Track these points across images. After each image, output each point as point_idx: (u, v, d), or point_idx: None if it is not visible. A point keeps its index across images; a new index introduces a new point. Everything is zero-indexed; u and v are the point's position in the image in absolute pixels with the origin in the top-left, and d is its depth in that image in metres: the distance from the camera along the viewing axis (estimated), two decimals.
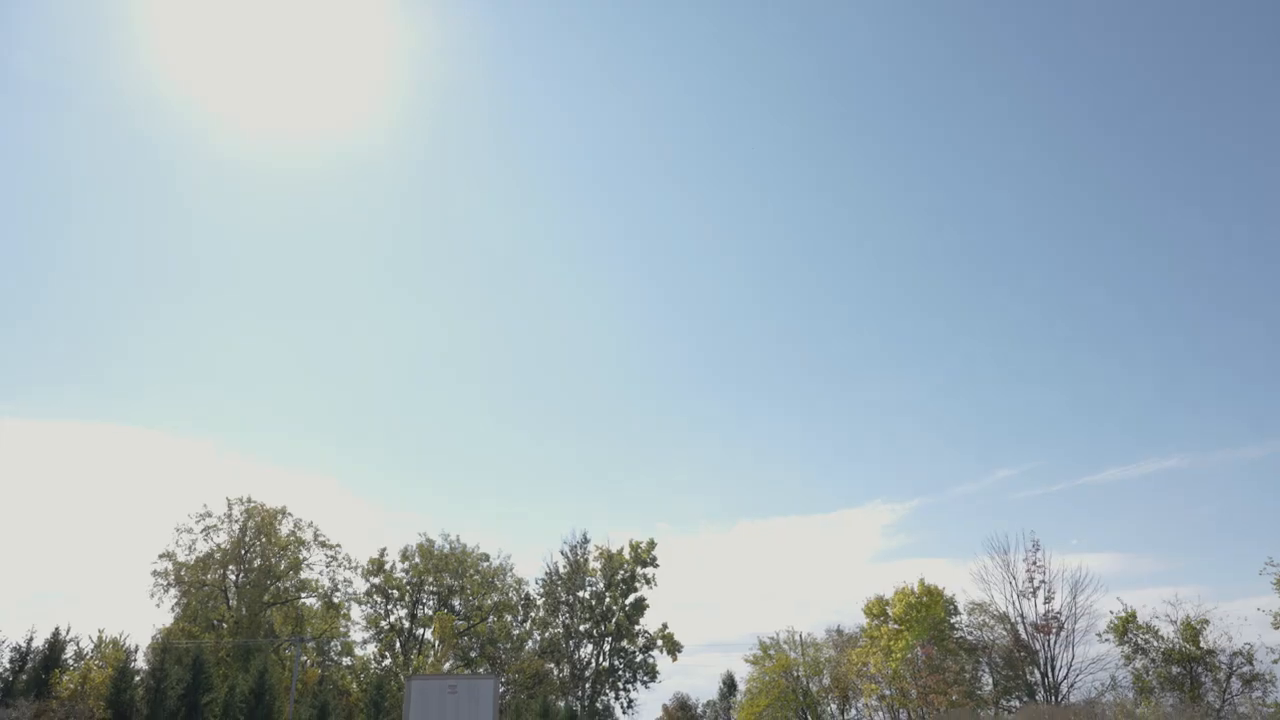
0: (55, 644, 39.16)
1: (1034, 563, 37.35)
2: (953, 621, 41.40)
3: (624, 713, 60.78)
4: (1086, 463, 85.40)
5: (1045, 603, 36.85)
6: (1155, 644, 34.28)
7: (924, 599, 41.64)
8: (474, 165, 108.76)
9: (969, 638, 40.00)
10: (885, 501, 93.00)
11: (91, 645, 43.85)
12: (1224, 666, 32.79)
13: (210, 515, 58.02)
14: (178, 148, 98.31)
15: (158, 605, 69.64)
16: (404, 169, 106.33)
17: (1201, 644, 33.23)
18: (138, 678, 40.62)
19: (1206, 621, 33.40)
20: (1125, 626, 35.23)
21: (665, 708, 61.92)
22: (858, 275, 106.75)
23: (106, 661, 41.65)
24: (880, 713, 45.59)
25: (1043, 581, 37.12)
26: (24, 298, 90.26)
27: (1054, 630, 36.54)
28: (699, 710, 61.61)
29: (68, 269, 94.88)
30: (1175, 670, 33.65)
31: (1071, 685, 35.86)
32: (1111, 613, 36.21)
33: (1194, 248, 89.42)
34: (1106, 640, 35.55)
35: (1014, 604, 37.93)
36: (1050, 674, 36.64)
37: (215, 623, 55.50)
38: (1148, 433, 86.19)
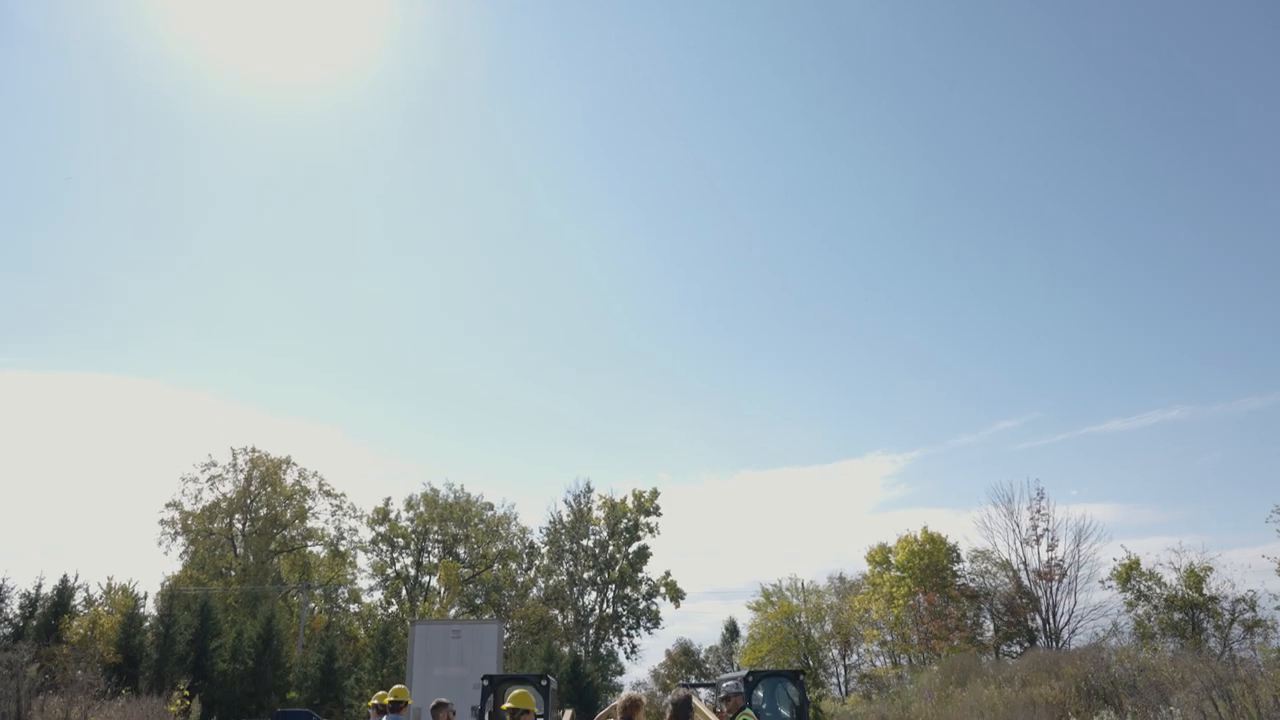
0: (64, 590, 39.49)
1: (1038, 510, 37.41)
2: (955, 569, 41.64)
3: (628, 658, 61.74)
4: (1088, 414, 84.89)
5: (1049, 550, 37.00)
6: (1158, 591, 34.40)
7: (927, 546, 41.83)
8: (469, 112, 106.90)
9: (971, 584, 40.25)
10: (886, 452, 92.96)
11: (101, 592, 44.34)
12: (1226, 613, 32.93)
13: (215, 465, 58.39)
14: (176, 92, 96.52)
15: (166, 553, 70.35)
16: (398, 115, 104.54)
17: (1204, 591, 33.35)
18: (147, 623, 41.13)
19: (1210, 569, 33.47)
20: (1129, 574, 35.33)
21: (668, 653, 62.87)
22: (859, 225, 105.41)
23: (115, 607, 42.12)
24: (881, 658, 46.14)
25: (1046, 529, 37.22)
26: (19, 247, 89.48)
27: (1057, 577, 36.71)
28: (702, 655, 62.49)
29: (63, 218, 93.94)
30: (1177, 617, 33.82)
31: (1073, 631, 36.17)
32: (1115, 560, 36.35)
33: (1196, 196, 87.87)
34: (1109, 587, 35.72)
35: (1017, 551, 38.11)
36: (1052, 620, 36.92)
37: (223, 570, 56.18)
38: (1150, 384, 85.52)
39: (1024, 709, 16.85)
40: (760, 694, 11.09)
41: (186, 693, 13.53)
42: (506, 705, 6.37)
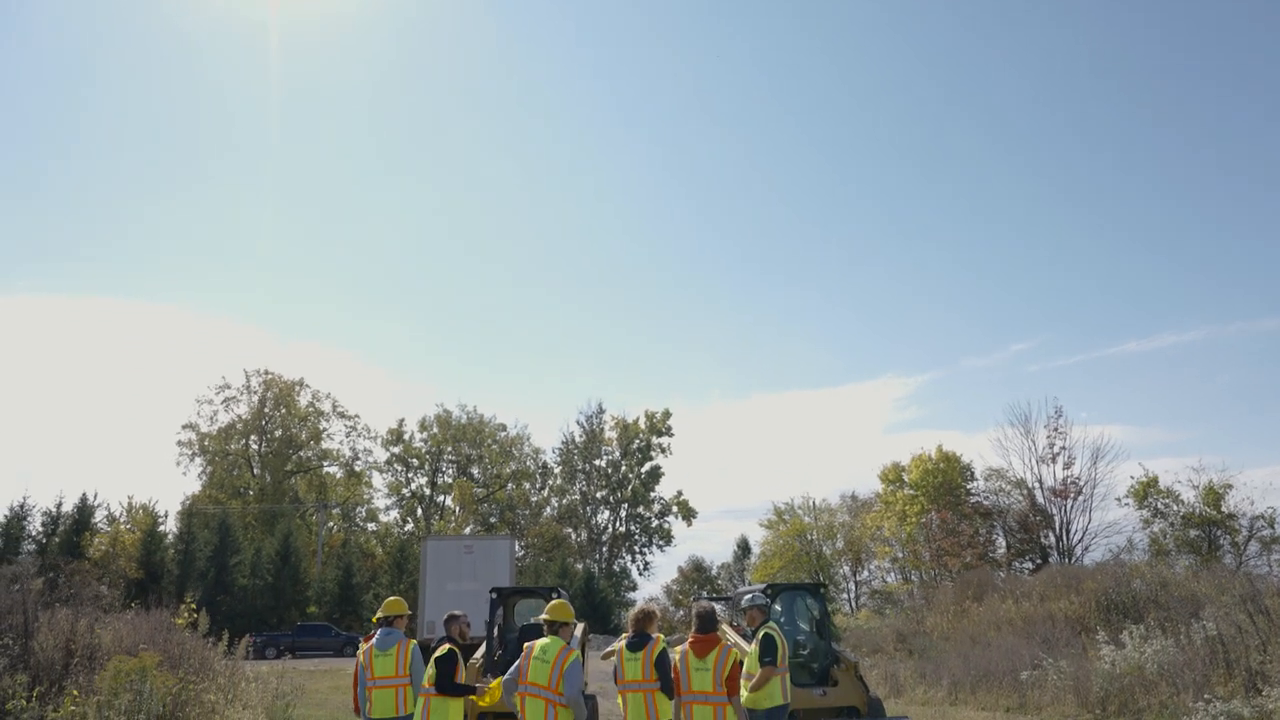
0: (84, 508, 39.96)
1: (1055, 429, 36.86)
2: (969, 487, 41.50)
3: (640, 575, 62.77)
4: (1103, 336, 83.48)
5: (1065, 468, 36.60)
6: (1175, 508, 34.11)
7: (941, 465, 41.64)
8: (473, 31, 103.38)
9: (985, 502, 40.10)
10: (898, 375, 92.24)
11: (122, 510, 44.93)
12: (1244, 529, 32.67)
13: (229, 387, 58.65)
14: (185, 9, 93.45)
15: (184, 474, 71.14)
16: (403, 30, 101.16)
17: (1223, 508, 33.02)
18: (167, 539, 41.79)
19: (1230, 486, 33.06)
20: (1146, 491, 35.02)
21: (681, 569, 63.79)
22: (868, 146, 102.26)
23: (136, 525, 42.71)
24: (892, 574, 46.54)
25: (1063, 448, 36.72)
26: (33, 172, 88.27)
27: (1072, 495, 36.38)
28: (714, 572, 63.42)
29: (75, 142, 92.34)
30: (1193, 534, 33.61)
31: (1086, 548, 36.02)
32: (1133, 478, 36.02)
33: (1211, 117, 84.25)
34: (1126, 505, 35.45)
35: (1032, 469, 37.71)
36: (1065, 538, 36.79)
37: (240, 490, 56.94)
38: (1166, 306, 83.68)
39: (1043, 623, 16.63)
40: (778, 608, 10.74)
41: (194, 606, 13.38)
42: (544, 616, 5.96)
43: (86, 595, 13.22)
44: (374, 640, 6.59)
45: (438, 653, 6.28)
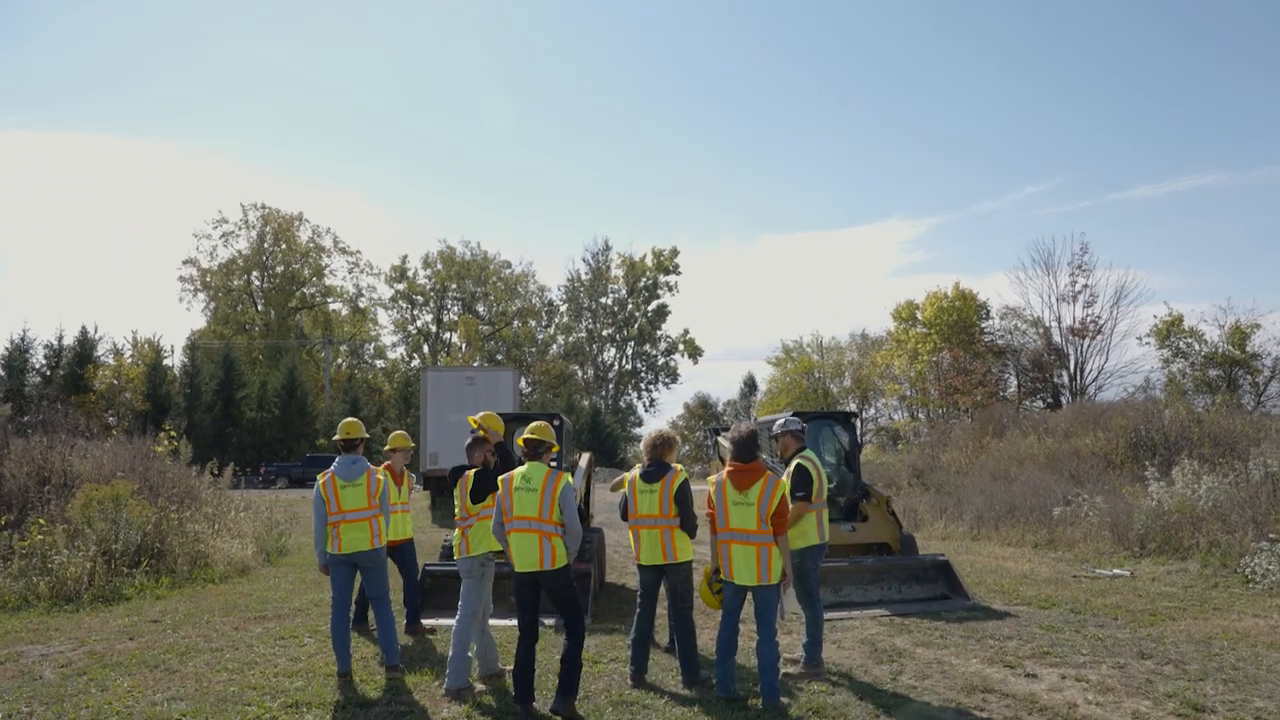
0: (85, 341, 39.40)
1: (1079, 266, 35.28)
2: (983, 326, 40.47)
3: (646, 411, 63.31)
4: (1118, 180, 79.69)
5: (1086, 308, 35.34)
6: (1198, 348, 33.13)
7: (956, 303, 40.44)
8: None
9: (999, 341, 39.16)
10: (905, 218, 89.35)
11: (126, 344, 44.46)
12: (1266, 370, 31.84)
13: (226, 222, 56.96)
14: None
15: (188, 309, 70.65)
16: None
17: (1247, 349, 32.05)
18: (173, 373, 41.54)
19: (1258, 325, 31.92)
20: (1169, 330, 33.94)
21: (687, 406, 64.24)
22: None
23: (141, 359, 42.33)
24: (900, 412, 46.44)
25: (1085, 285, 35.30)
26: (26, 7, 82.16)
27: (1091, 334, 35.28)
28: (720, 409, 63.87)
29: None
30: (1213, 373, 32.81)
31: (1099, 388, 35.26)
32: (1155, 317, 34.85)
33: None
34: (1147, 344, 34.46)
35: (1051, 307, 36.48)
36: (1079, 377, 36.04)
37: (245, 326, 56.51)
38: (1186, 149, 79.20)
39: (1069, 459, 15.95)
40: None
41: (173, 433, 12.60)
42: (525, 436, 5.12)
43: (60, 423, 12.42)
44: (336, 470, 5.60)
45: (469, 485, 5.63)
